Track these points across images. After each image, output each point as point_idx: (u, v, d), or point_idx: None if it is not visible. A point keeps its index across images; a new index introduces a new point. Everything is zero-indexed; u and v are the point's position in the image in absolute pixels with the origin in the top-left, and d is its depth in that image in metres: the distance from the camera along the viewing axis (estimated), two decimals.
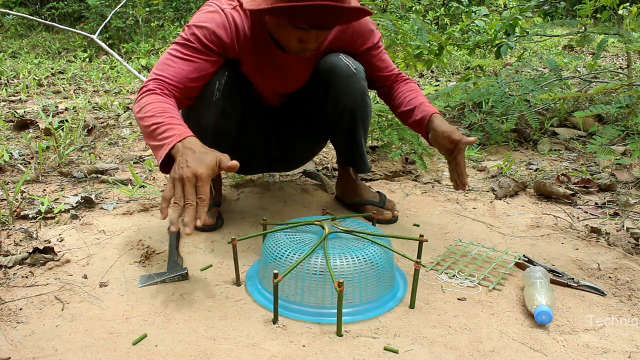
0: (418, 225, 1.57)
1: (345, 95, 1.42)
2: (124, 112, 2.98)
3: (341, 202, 1.73)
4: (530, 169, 2.08)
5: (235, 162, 1.08)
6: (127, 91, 3.71)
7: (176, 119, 1.15)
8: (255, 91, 1.49)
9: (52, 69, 4.59)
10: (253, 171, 1.75)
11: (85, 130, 2.48)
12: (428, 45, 2.68)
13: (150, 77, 1.25)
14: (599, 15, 2.85)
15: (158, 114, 1.15)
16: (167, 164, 1.12)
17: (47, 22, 4.00)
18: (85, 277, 1.26)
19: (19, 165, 2.05)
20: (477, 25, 3.23)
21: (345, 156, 1.63)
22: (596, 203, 1.73)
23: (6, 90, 3.61)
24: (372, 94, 2.10)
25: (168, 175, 1.17)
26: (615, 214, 1.64)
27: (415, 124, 1.41)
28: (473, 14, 3.34)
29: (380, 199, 1.63)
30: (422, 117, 1.38)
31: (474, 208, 1.71)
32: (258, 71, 1.41)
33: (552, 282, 1.22)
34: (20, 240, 1.44)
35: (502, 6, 3.77)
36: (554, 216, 1.63)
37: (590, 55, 4.66)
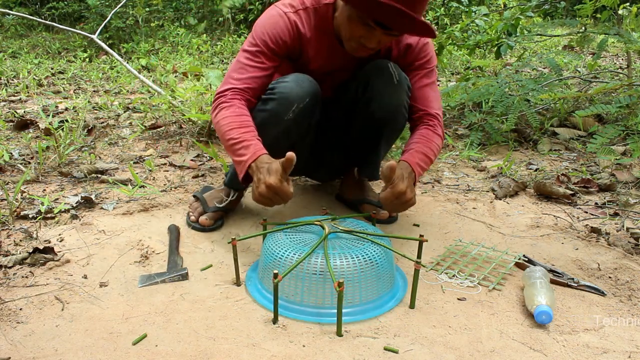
0: (418, 225, 1.57)
1: (378, 102, 1.40)
2: (124, 112, 2.98)
3: (341, 200, 1.73)
4: (530, 169, 2.08)
5: (289, 154, 1.16)
6: (127, 91, 3.71)
7: (250, 134, 1.28)
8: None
9: (52, 69, 4.60)
10: (298, 172, 1.78)
11: (85, 130, 2.48)
12: None
13: (225, 87, 1.36)
14: (599, 15, 2.85)
15: (235, 128, 1.29)
16: (247, 178, 1.29)
17: (47, 22, 4.00)
18: (85, 277, 1.26)
19: (19, 165, 2.05)
20: (477, 25, 3.23)
21: (358, 159, 1.62)
22: (596, 203, 1.73)
23: (6, 90, 3.61)
24: None
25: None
26: (615, 214, 1.64)
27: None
28: (473, 13, 3.34)
29: (379, 199, 1.62)
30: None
31: (474, 208, 1.71)
32: (326, 65, 1.43)
33: (552, 282, 1.22)
34: (20, 240, 1.44)
35: (502, 6, 3.77)
36: (554, 216, 1.63)
37: (590, 55, 4.66)
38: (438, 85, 3.76)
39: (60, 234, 1.48)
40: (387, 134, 1.49)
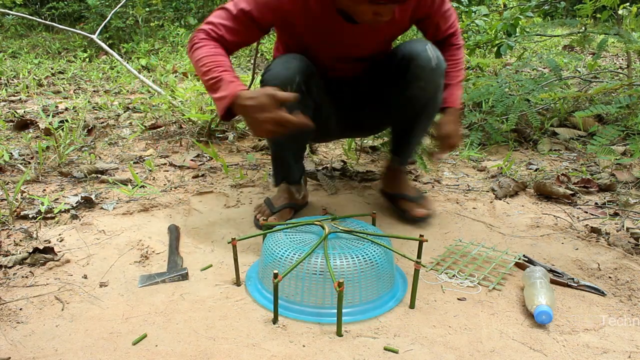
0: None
1: (417, 86, 1.40)
2: (124, 112, 2.98)
3: (382, 193, 1.71)
4: (530, 169, 2.08)
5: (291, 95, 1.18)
6: (127, 91, 3.70)
7: (226, 70, 1.26)
8: (322, 61, 1.47)
9: (52, 69, 4.59)
10: (324, 138, 1.80)
11: (85, 130, 2.48)
12: None
13: (208, 25, 1.33)
14: (599, 15, 2.85)
15: (213, 68, 1.26)
16: (228, 115, 1.27)
17: (46, 22, 4.01)
18: (85, 277, 1.26)
19: (19, 165, 2.05)
20: (477, 25, 3.23)
21: (394, 143, 1.63)
22: (596, 203, 1.73)
23: (6, 90, 3.61)
24: None
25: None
26: (615, 214, 1.64)
27: None
28: (473, 13, 3.34)
29: (418, 196, 1.61)
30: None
31: (474, 208, 1.71)
32: (322, 42, 1.42)
33: (552, 282, 1.22)
34: (20, 240, 1.44)
35: (502, 6, 3.77)
36: (554, 216, 1.63)
37: (590, 55, 4.66)
38: None
39: (60, 234, 1.48)
40: (423, 118, 1.49)
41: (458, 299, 1.17)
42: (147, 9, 5.67)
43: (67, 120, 2.51)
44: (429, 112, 1.48)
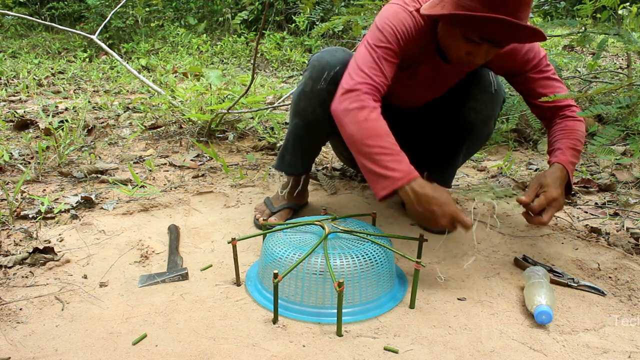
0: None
1: (471, 107, 1.36)
2: (124, 112, 2.98)
3: (403, 205, 1.68)
4: (530, 169, 2.08)
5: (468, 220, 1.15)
6: (127, 91, 3.70)
7: (397, 146, 1.17)
8: (392, 95, 1.42)
9: (52, 69, 4.59)
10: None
11: (85, 130, 2.48)
12: None
13: (360, 79, 1.21)
14: (599, 15, 2.85)
15: (384, 137, 1.17)
16: (388, 195, 1.18)
17: (46, 22, 4.00)
18: (85, 277, 1.26)
19: (19, 165, 2.05)
20: None
21: (434, 163, 1.57)
22: (596, 203, 1.73)
23: (6, 90, 3.61)
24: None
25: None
26: (615, 214, 1.64)
27: None
28: None
29: None
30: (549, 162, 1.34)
31: (474, 208, 1.71)
32: (417, 79, 1.38)
33: (552, 282, 1.22)
34: (20, 240, 1.44)
35: None
36: (554, 216, 1.63)
37: (590, 55, 4.66)
38: None
39: (60, 234, 1.48)
40: (470, 141, 1.46)
41: (458, 299, 1.17)
42: (147, 9, 5.67)
43: (67, 120, 2.51)
44: (478, 136, 1.44)
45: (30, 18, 3.47)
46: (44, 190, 1.84)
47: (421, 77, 1.38)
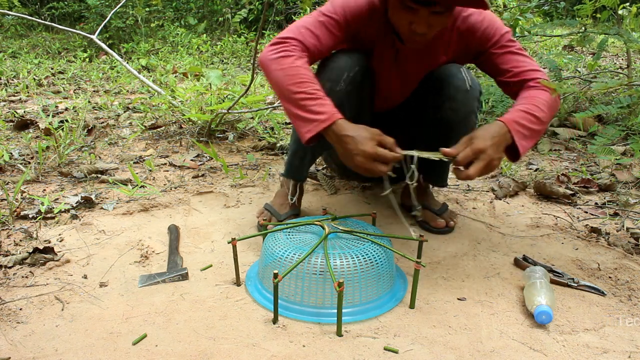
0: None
1: (449, 107, 1.36)
2: (124, 112, 2.98)
3: (404, 207, 1.68)
4: (530, 169, 2.08)
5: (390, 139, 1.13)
6: (127, 91, 3.71)
7: (322, 92, 1.18)
8: (375, 94, 1.45)
9: (52, 69, 4.59)
10: (367, 179, 1.70)
11: (85, 130, 2.48)
12: None
13: (291, 34, 1.24)
14: (598, 15, 2.85)
15: (307, 82, 1.17)
16: (314, 139, 1.18)
17: (46, 22, 4.00)
18: (85, 277, 1.26)
19: (19, 165, 2.05)
20: None
21: (425, 166, 1.57)
22: (596, 203, 1.73)
23: (6, 90, 3.61)
24: None
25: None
26: (615, 214, 1.64)
27: None
28: None
29: (441, 208, 1.57)
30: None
31: (474, 208, 1.71)
32: (383, 65, 1.40)
33: (552, 282, 1.22)
34: (20, 240, 1.44)
35: (502, 6, 3.77)
36: (554, 216, 1.63)
37: (590, 55, 4.66)
38: None
39: (60, 234, 1.48)
40: (454, 139, 1.43)
41: (458, 298, 1.17)
42: (147, 9, 5.67)
43: (67, 120, 2.51)
44: (459, 135, 1.42)
45: (30, 18, 3.47)
46: (44, 190, 1.84)
47: (387, 63, 1.39)
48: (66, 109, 3.03)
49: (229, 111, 2.36)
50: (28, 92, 3.57)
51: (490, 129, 1.16)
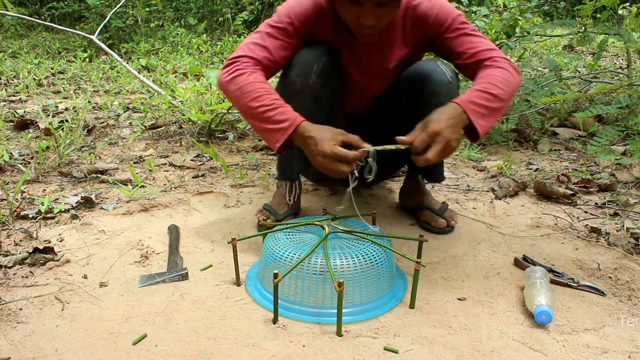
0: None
1: (436, 103, 1.32)
2: (124, 112, 2.98)
3: (402, 207, 1.68)
4: (530, 169, 2.08)
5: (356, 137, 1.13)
6: (127, 91, 3.71)
7: (281, 101, 1.20)
8: (345, 91, 1.46)
9: (52, 69, 4.59)
10: (339, 183, 1.67)
11: (85, 130, 2.48)
12: None
13: (240, 53, 1.27)
14: (599, 15, 2.85)
15: (264, 95, 1.19)
16: (286, 146, 1.20)
17: (45, 22, 4.00)
18: (85, 277, 1.26)
19: (19, 165, 2.05)
20: (477, 26, 3.23)
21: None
22: (596, 203, 1.73)
23: (6, 90, 3.61)
24: None
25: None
26: (615, 214, 1.64)
27: None
28: (473, 14, 3.34)
29: (441, 207, 1.55)
30: None
31: (474, 208, 1.71)
32: (344, 61, 1.40)
33: (552, 282, 1.22)
34: (20, 240, 1.44)
35: (502, 6, 3.77)
36: (554, 216, 1.63)
37: (590, 55, 4.66)
38: None
39: (60, 234, 1.48)
40: None
41: (458, 298, 1.17)
42: (147, 9, 5.68)
43: (67, 120, 2.51)
44: None
45: (30, 18, 3.48)
46: (44, 190, 1.84)
47: (347, 59, 1.39)
48: (66, 109, 3.03)
49: (229, 111, 2.36)
50: (28, 92, 3.57)
51: (444, 111, 1.14)
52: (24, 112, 2.95)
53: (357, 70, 1.43)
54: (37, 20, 3.48)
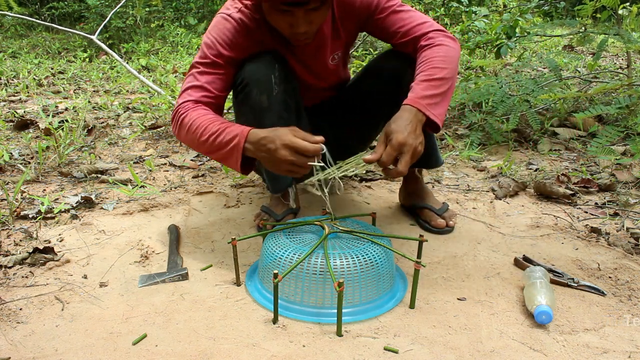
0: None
1: (403, 71, 1.33)
2: (124, 112, 2.98)
3: (403, 207, 1.68)
4: (530, 169, 2.08)
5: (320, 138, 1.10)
6: (127, 91, 3.71)
7: (227, 122, 1.19)
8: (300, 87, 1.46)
9: (52, 69, 4.59)
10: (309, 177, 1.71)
11: (85, 130, 2.48)
12: None
13: (177, 103, 1.27)
14: (599, 15, 2.85)
15: (209, 126, 1.18)
16: (246, 164, 1.19)
17: (45, 22, 4.00)
18: (85, 277, 1.26)
19: (19, 165, 2.05)
20: (477, 26, 3.23)
21: None
22: (596, 203, 1.73)
23: (6, 90, 3.61)
24: None
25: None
26: (615, 214, 1.64)
27: None
28: (473, 14, 3.34)
29: (441, 207, 1.55)
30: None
31: (474, 208, 1.71)
32: (295, 63, 1.40)
33: (552, 282, 1.22)
34: (20, 240, 1.44)
35: (502, 6, 3.78)
36: (554, 216, 1.63)
37: (590, 55, 4.66)
38: None
39: (60, 234, 1.48)
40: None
41: (458, 299, 1.17)
42: (147, 9, 5.68)
43: (67, 120, 2.51)
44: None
45: (30, 18, 3.48)
46: (44, 190, 1.84)
47: (291, 62, 1.39)
48: (66, 109, 3.03)
49: (229, 111, 2.36)
50: (28, 92, 3.57)
51: (402, 117, 1.13)
52: (24, 112, 2.95)
53: (303, 70, 1.44)
54: (37, 21, 3.48)
